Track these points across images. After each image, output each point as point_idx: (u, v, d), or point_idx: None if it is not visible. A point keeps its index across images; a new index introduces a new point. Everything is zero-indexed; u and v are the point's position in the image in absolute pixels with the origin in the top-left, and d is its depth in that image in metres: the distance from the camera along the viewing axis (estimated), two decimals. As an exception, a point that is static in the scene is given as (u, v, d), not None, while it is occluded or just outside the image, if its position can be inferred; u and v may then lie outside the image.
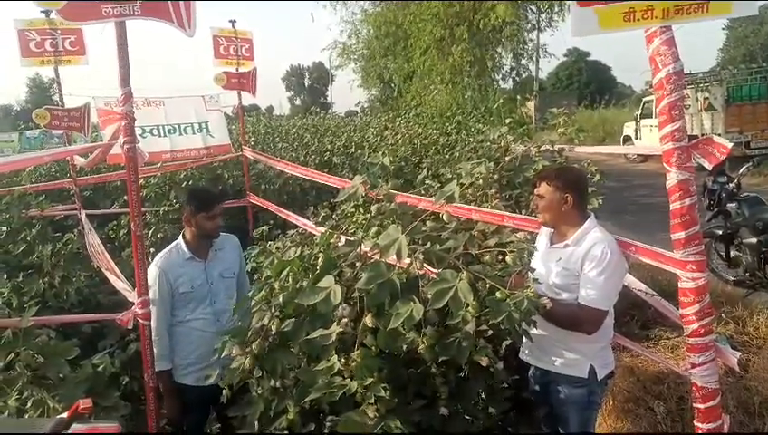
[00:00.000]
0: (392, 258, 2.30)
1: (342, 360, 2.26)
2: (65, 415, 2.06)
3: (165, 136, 6.56)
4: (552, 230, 3.11)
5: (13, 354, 2.79)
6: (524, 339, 2.85)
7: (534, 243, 3.15)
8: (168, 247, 3.62)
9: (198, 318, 3.46)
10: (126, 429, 2.03)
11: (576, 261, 2.85)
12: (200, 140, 6.79)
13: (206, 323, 3.40)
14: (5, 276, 4.28)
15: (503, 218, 3.45)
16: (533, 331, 2.71)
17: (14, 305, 4.19)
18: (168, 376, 3.47)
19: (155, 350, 3.42)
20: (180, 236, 3.59)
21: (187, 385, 3.46)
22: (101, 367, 3.16)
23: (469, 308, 2.19)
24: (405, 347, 2.34)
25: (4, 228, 5.99)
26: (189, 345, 3.46)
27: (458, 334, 2.29)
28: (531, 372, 3.23)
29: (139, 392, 4.23)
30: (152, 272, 3.47)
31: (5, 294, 4.07)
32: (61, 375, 2.88)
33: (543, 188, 3.00)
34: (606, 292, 2.79)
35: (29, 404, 2.65)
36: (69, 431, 1.85)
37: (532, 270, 2.75)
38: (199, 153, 6.94)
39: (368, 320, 2.30)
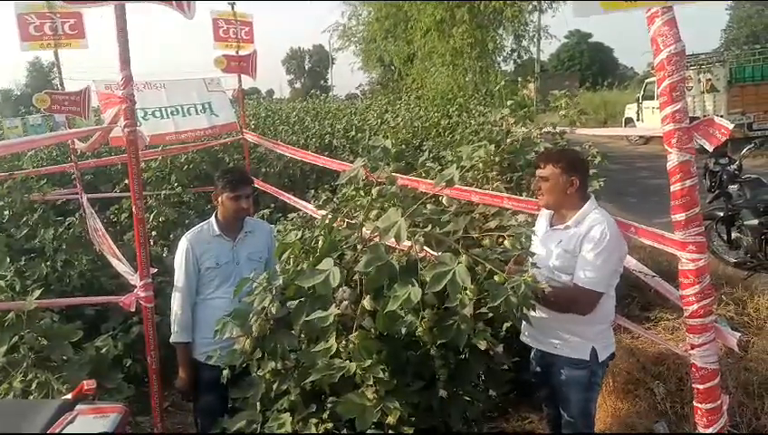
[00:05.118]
0: (392, 241, 2.31)
1: (344, 342, 2.28)
2: (69, 396, 2.09)
3: (168, 118, 6.49)
4: (552, 212, 3.09)
5: (17, 337, 2.82)
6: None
7: (534, 226, 3.14)
8: (201, 223, 3.67)
9: (221, 297, 3.48)
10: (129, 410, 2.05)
11: (576, 242, 2.84)
12: (205, 120, 6.73)
13: (227, 303, 3.42)
14: (8, 260, 4.29)
15: (501, 200, 3.44)
16: (533, 314, 2.72)
17: (18, 289, 4.22)
18: (186, 349, 3.51)
19: (175, 322, 3.47)
20: (213, 214, 3.62)
21: (202, 363, 3.49)
22: (105, 349, 3.21)
23: (467, 291, 2.20)
24: (404, 330, 2.35)
25: (7, 213, 6.03)
26: (210, 323, 3.49)
27: (456, 317, 2.30)
28: (532, 354, 3.24)
29: (142, 374, 4.28)
30: (181, 245, 3.53)
31: (9, 278, 4.08)
32: (64, 357, 2.91)
33: (549, 170, 2.93)
34: (603, 273, 2.77)
35: (34, 386, 2.68)
36: (74, 411, 1.88)
37: (532, 254, 2.74)
38: (205, 133, 6.89)
39: (366, 302, 2.31)
